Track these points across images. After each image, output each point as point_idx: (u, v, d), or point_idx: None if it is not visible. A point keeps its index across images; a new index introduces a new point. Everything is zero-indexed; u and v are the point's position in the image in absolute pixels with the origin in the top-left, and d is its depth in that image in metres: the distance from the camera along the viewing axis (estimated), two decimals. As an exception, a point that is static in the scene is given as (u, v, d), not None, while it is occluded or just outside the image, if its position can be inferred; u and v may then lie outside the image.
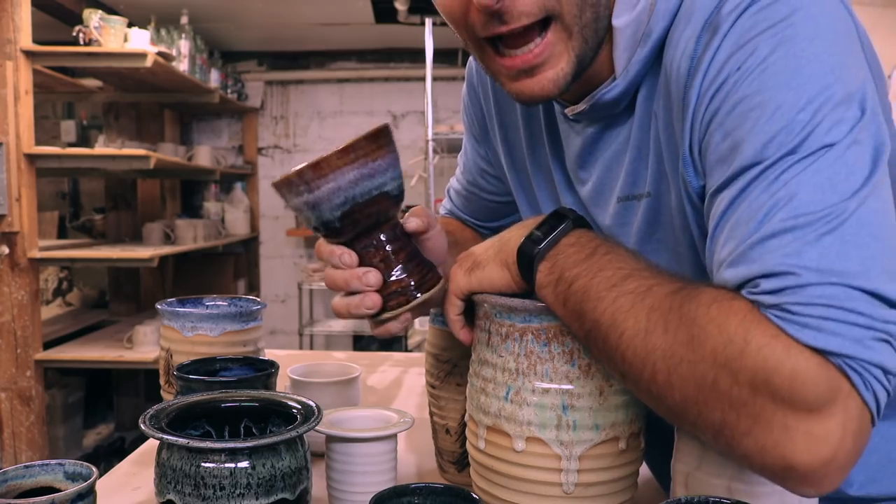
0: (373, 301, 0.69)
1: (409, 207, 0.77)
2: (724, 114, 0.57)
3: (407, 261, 0.71)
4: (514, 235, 0.66)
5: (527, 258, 0.63)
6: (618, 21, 0.66)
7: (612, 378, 0.62)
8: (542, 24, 0.64)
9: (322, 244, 0.72)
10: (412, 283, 0.70)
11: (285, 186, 0.66)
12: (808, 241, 0.51)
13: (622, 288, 0.57)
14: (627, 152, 0.71)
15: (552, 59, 0.65)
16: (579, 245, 0.62)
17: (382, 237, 0.70)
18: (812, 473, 0.50)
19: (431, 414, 0.91)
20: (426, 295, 0.70)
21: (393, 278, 0.70)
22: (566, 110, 0.75)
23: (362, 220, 0.67)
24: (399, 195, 0.69)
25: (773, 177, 0.53)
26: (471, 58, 0.90)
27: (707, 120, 0.59)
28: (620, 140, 0.72)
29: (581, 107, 0.72)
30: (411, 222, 0.73)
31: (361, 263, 0.70)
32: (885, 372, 0.50)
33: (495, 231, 1.03)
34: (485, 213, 1.04)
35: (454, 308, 0.70)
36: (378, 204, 0.67)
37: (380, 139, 0.66)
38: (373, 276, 0.69)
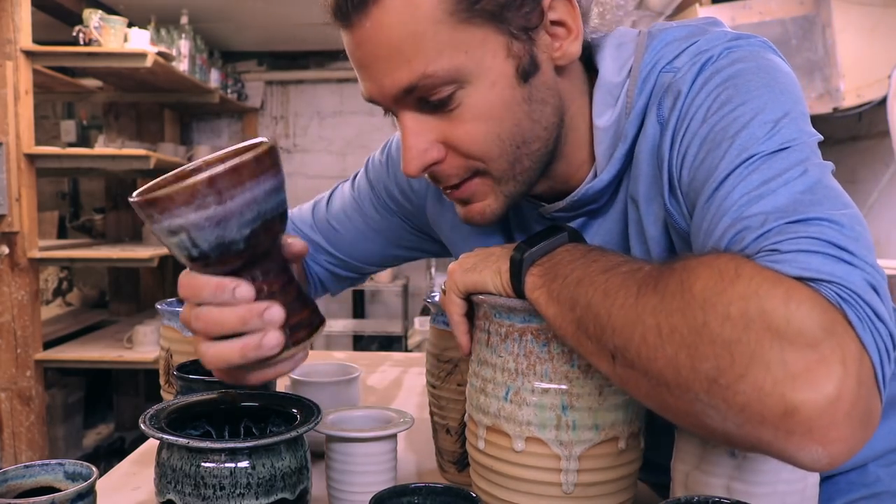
0: (277, 340, 0.60)
1: None
2: (695, 146, 0.62)
3: (298, 291, 0.62)
4: (510, 247, 0.66)
5: (517, 263, 0.63)
6: (599, 120, 0.70)
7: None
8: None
9: (199, 277, 0.60)
10: (309, 312, 0.62)
11: (180, 198, 0.53)
12: (781, 194, 0.54)
13: (616, 270, 0.56)
14: (613, 242, 0.73)
15: (478, 196, 0.71)
16: (574, 250, 0.63)
17: (275, 265, 0.60)
18: (817, 417, 0.44)
19: (432, 414, 0.91)
20: (323, 326, 0.63)
21: (292, 310, 0.61)
22: (543, 209, 0.76)
23: (264, 241, 0.58)
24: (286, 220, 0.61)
25: (745, 174, 0.57)
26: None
27: (681, 160, 0.63)
28: (604, 230, 0.74)
29: (561, 204, 0.74)
30: (296, 244, 0.66)
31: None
32: (879, 317, 0.48)
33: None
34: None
35: (457, 308, 0.69)
36: (279, 223, 0.59)
37: (275, 153, 0.58)
38: (277, 312, 0.59)
